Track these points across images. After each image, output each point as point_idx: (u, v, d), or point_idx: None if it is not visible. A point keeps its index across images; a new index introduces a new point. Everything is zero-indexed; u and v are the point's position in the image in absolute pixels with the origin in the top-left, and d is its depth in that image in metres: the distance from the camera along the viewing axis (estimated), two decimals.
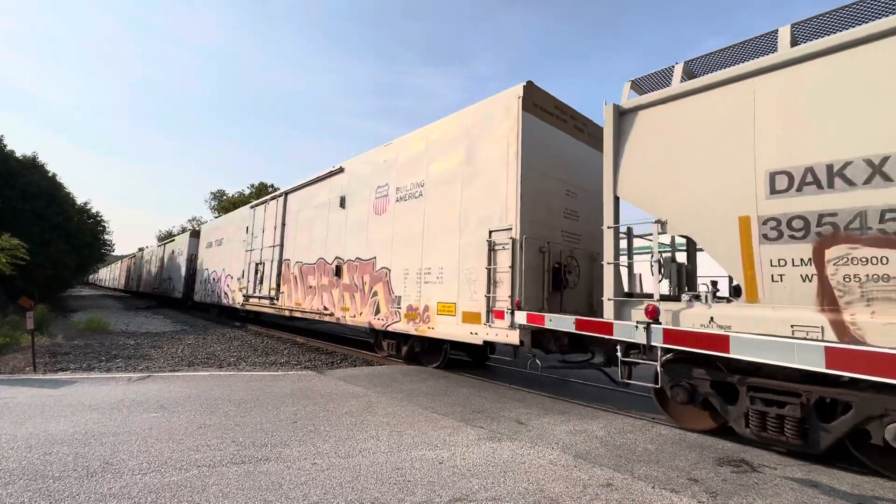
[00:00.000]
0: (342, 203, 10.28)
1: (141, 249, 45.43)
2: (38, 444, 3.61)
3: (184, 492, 2.86)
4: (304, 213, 11.95)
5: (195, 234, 23.07)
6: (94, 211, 29.04)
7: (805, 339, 3.68)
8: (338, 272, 10.02)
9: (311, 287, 11.05)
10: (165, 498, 2.78)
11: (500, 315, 6.15)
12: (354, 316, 9.32)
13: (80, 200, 26.60)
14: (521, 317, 5.85)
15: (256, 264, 13.99)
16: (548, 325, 5.52)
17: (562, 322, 5.40)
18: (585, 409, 5.34)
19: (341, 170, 10.57)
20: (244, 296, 14.58)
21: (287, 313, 11.97)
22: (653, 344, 4.41)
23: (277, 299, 12.45)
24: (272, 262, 13.04)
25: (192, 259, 22.42)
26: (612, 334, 4.85)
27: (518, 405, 5.42)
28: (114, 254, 47.47)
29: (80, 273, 31.84)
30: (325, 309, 10.33)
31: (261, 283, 13.63)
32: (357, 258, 9.53)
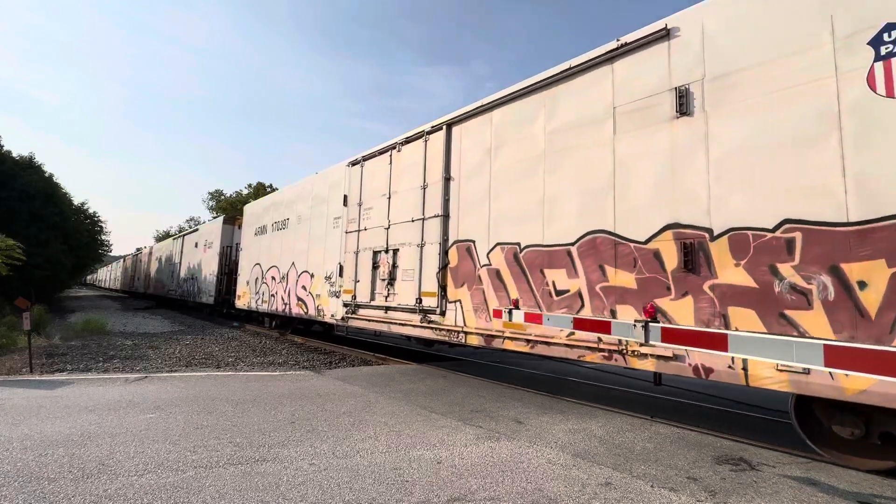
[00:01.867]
0: (686, 102, 4.39)
1: (139, 250, 42.80)
2: (33, 446, 3.59)
3: (180, 493, 2.85)
4: (521, 148, 6.06)
5: (230, 220, 18.19)
6: (91, 211, 29.04)
7: (805, 338, 3.67)
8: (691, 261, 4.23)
9: (561, 293, 5.35)
10: (162, 499, 2.76)
11: (499, 314, 6.13)
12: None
13: (77, 201, 26.58)
14: (518, 315, 5.84)
15: (375, 252, 8.54)
16: (545, 323, 5.50)
17: (560, 321, 5.39)
18: (584, 408, 5.34)
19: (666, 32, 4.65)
20: (349, 304, 9.01)
21: (478, 341, 6.24)
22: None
23: (443, 312, 6.87)
24: (423, 245, 7.42)
25: (228, 252, 17.48)
26: (610, 333, 4.84)
27: (516, 404, 5.41)
28: (111, 254, 47.40)
29: (77, 273, 31.74)
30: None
31: (390, 283, 8.07)
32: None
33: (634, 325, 4.66)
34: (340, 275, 9.50)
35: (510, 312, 6.01)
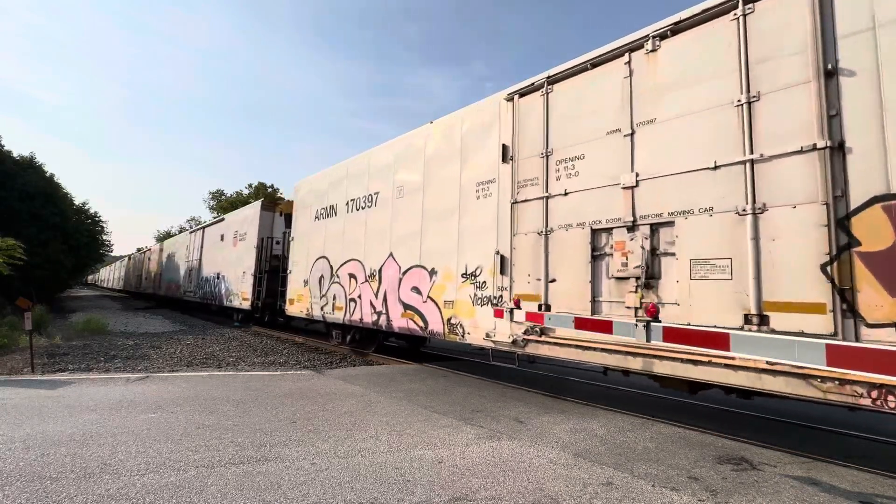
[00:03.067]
0: None
1: (140, 250, 42.22)
2: (35, 446, 3.60)
3: (182, 492, 2.85)
4: None
5: (269, 206, 14.69)
6: (91, 211, 29.02)
7: (806, 337, 3.67)
8: None
9: None
10: (164, 499, 2.76)
11: (501, 314, 6.13)
12: None
13: (77, 201, 26.59)
14: (520, 315, 5.84)
15: (595, 232, 5.11)
16: (547, 323, 5.51)
17: (561, 320, 5.38)
18: (585, 408, 5.34)
19: None
20: (532, 321, 5.42)
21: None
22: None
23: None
24: (758, 211, 3.89)
25: (268, 244, 14.07)
26: (611, 333, 4.83)
27: (518, 404, 5.41)
28: (112, 254, 47.41)
29: (78, 273, 31.76)
30: None
31: (645, 285, 4.60)
32: None
33: (636, 325, 4.67)
34: (503, 271, 6.06)
35: (511, 312, 6.02)
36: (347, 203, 9.63)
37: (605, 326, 4.95)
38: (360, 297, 8.87)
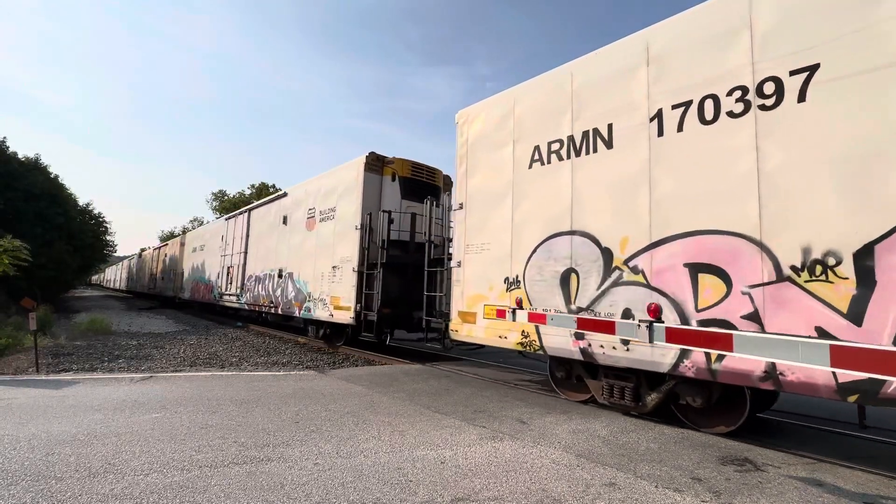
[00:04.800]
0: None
1: (142, 251, 40.32)
2: (40, 445, 3.62)
3: (186, 492, 2.86)
4: None
5: (376, 166, 9.76)
6: (96, 212, 29.20)
7: (810, 338, 3.66)
8: None
9: None
10: (167, 498, 2.77)
11: (503, 314, 6.12)
12: None
13: (82, 201, 26.75)
14: (522, 315, 5.84)
15: None
16: (549, 323, 5.50)
17: (564, 321, 5.38)
18: (587, 409, 5.33)
19: None
20: None
21: None
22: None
23: None
24: None
25: (382, 223, 9.25)
26: (614, 333, 4.83)
27: (520, 404, 5.40)
28: (116, 254, 47.58)
29: (82, 274, 31.93)
30: None
31: None
32: None
33: (639, 325, 4.66)
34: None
35: (513, 312, 6.01)
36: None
37: (608, 327, 4.95)
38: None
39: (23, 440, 3.72)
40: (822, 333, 3.43)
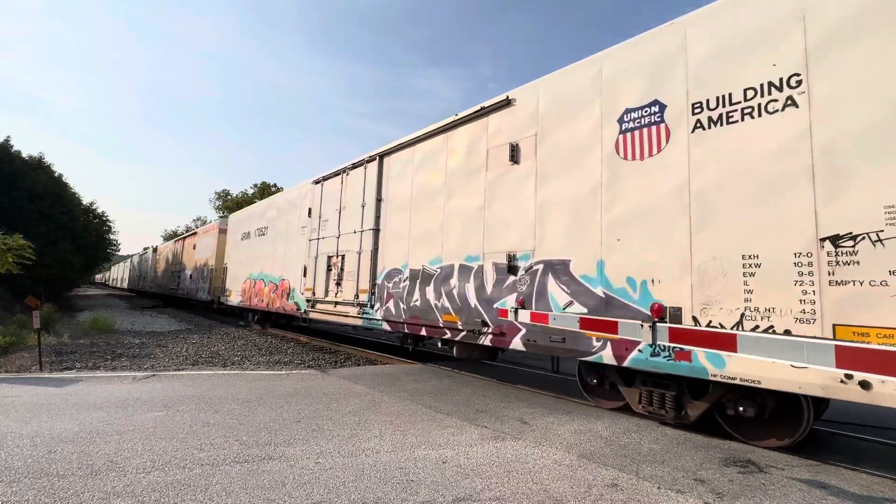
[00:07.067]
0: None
1: (147, 249, 37.32)
2: (43, 443, 3.63)
3: (187, 490, 2.86)
4: None
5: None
6: (99, 211, 29.32)
7: (814, 338, 3.63)
8: None
9: None
10: (169, 496, 2.78)
11: (505, 314, 6.11)
12: None
13: (85, 201, 26.87)
14: (524, 315, 5.83)
15: None
16: (551, 323, 5.49)
17: (565, 320, 5.36)
18: (589, 409, 5.31)
19: None
20: None
21: None
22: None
23: None
24: None
25: None
26: (616, 333, 4.81)
27: (522, 405, 5.39)
28: (119, 254, 47.79)
29: (85, 272, 32.08)
30: None
31: None
32: None
33: (642, 325, 4.64)
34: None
35: (515, 312, 6.00)
36: None
37: (611, 327, 4.94)
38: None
39: (26, 437, 3.74)
40: None
